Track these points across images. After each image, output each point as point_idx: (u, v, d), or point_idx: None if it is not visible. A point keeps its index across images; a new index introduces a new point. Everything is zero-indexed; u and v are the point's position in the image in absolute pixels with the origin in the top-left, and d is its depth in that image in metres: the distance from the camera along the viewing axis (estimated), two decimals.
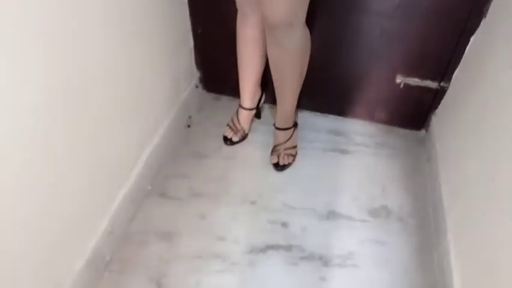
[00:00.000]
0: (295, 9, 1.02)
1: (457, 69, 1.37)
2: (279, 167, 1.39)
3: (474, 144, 1.10)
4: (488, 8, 1.19)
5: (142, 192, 1.29)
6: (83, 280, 1.02)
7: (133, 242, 1.17)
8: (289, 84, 1.27)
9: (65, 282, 0.97)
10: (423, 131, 1.56)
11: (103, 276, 1.08)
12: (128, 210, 1.21)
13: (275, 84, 1.28)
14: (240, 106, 1.47)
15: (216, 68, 1.60)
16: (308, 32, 1.15)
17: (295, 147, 1.43)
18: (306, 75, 1.39)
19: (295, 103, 1.34)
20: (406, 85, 1.47)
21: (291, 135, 1.40)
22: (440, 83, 1.43)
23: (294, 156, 1.42)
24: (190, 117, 1.57)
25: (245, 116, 1.47)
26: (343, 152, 1.48)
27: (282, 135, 1.40)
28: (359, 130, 1.57)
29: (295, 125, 1.42)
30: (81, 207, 1.00)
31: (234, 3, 1.22)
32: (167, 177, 1.35)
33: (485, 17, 1.21)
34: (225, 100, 1.65)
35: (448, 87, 1.43)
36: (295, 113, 1.43)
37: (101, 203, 1.10)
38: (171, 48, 1.37)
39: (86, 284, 1.03)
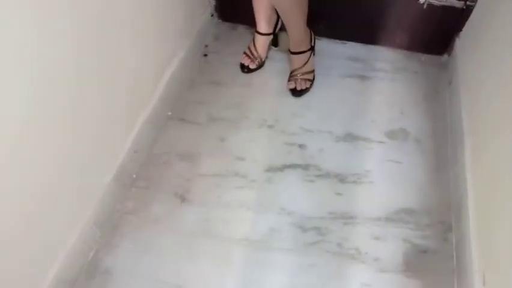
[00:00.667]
0: None
1: None
2: (296, 92, 1.39)
3: (498, 67, 1.06)
4: None
5: (163, 117, 1.32)
6: (112, 193, 1.09)
7: (156, 162, 1.23)
8: (289, 11, 1.25)
9: (96, 193, 1.04)
10: (445, 56, 1.52)
11: (130, 191, 1.15)
12: (150, 133, 1.25)
13: (278, 12, 1.27)
14: (256, 32, 1.44)
15: None
16: None
17: (312, 72, 1.41)
18: (324, 0, 1.34)
19: (303, 28, 1.32)
20: (430, 5, 1.40)
21: (307, 60, 1.39)
22: (466, 1, 1.36)
23: (312, 81, 1.41)
24: (206, 46, 1.56)
25: (262, 42, 1.45)
26: (362, 78, 1.46)
27: (297, 60, 1.38)
28: (378, 56, 1.53)
29: (311, 49, 1.40)
30: (106, 128, 1.04)
31: None
32: (186, 104, 1.38)
33: None
34: (241, 29, 1.62)
35: (474, 6, 1.36)
36: (311, 38, 1.40)
37: (124, 125, 1.14)
38: None
39: (115, 196, 1.10)
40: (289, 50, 1.40)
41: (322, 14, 1.48)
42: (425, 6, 1.41)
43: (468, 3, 1.36)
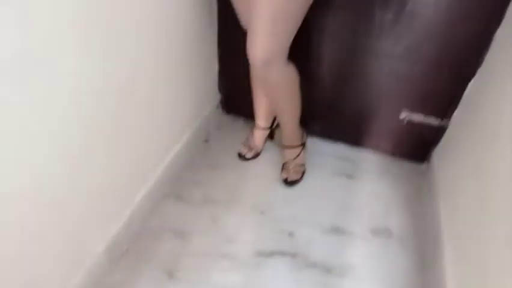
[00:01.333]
0: (274, 49, 1.12)
1: (457, 109, 1.50)
2: (288, 182, 1.49)
3: (471, 178, 1.20)
4: (483, 58, 1.34)
5: (160, 193, 1.38)
6: (102, 263, 1.09)
7: (148, 236, 1.25)
8: (282, 111, 1.40)
9: (86, 261, 1.04)
10: (425, 164, 1.67)
11: (119, 263, 1.15)
12: (147, 207, 1.30)
13: (274, 110, 1.43)
14: (256, 125, 1.60)
15: (236, 93, 1.75)
16: (291, 67, 1.25)
17: (303, 165, 1.53)
18: (318, 104, 1.51)
19: (295, 125, 1.46)
20: (410, 120, 1.59)
21: (299, 154, 1.52)
22: (441, 120, 1.56)
23: (303, 174, 1.52)
24: (208, 133, 1.69)
25: (259, 135, 1.60)
26: (349, 176, 1.58)
27: (289, 153, 1.51)
28: (365, 158, 1.68)
29: (302, 144, 1.54)
30: (105, 199, 1.09)
31: None
32: (184, 183, 1.45)
33: (481, 65, 1.36)
34: (241, 122, 1.78)
35: (448, 125, 1.55)
36: (303, 135, 1.56)
37: (123, 198, 1.19)
38: (200, 72, 1.52)
39: (105, 266, 1.10)
40: (282, 144, 1.54)
41: (315, 115, 1.66)
42: (405, 122, 1.60)
43: (443, 122, 1.56)
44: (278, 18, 1.07)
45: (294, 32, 1.13)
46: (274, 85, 1.26)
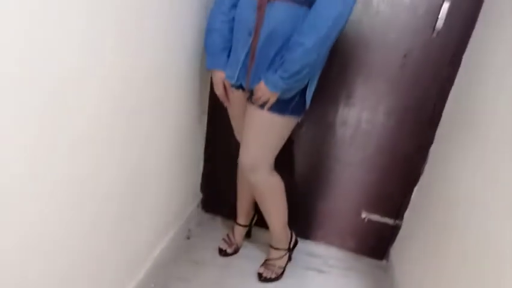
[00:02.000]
0: (260, 158, 1.36)
1: (407, 210, 1.77)
2: (262, 277, 1.59)
3: (425, 271, 1.39)
4: (424, 169, 1.66)
5: None
6: None
7: None
8: (267, 213, 1.57)
9: None
10: (384, 261, 1.86)
11: None
12: None
13: (262, 211, 1.60)
14: (236, 222, 1.75)
15: (216, 194, 1.93)
16: (276, 176, 1.47)
17: (282, 268, 1.64)
18: (289, 205, 1.70)
19: (280, 227, 1.61)
20: (369, 220, 1.83)
21: (282, 257, 1.64)
22: (395, 221, 1.81)
23: (279, 276, 1.62)
24: (189, 230, 1.81)
25: (239, 232, 1.74)
26: (319, 271, 1.72)
27: (273, 253, 1.64)
28: (332, 255, 1.84)
29: (288, 249, 1.66)
30: None
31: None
32: (168, 278, 1.52)
33: (423, 173, 1.68)
34: (219, 220, 1.93)
35: (401, 225, 1.80)
36: (291, 240, 1.68)
37: None
38: (186, 173, 1.71)
39: None
40: (269, 244, 1.66)
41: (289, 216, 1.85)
42: (365, 220, 1.83)
43: (397, 222, 1.81)
44: (265, 133, 1.33)
45: (279, 146, 1.39)
46: (260, 188, 1.46)
